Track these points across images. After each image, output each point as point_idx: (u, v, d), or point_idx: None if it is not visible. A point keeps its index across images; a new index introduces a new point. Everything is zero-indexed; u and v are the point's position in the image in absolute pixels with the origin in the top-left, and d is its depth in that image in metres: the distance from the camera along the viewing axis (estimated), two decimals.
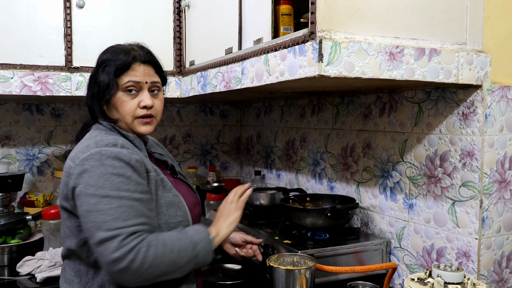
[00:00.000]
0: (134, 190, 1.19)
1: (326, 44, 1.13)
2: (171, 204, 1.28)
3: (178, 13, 2.16)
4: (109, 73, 1.28)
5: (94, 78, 1.32)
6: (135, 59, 1.30)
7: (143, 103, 1.31)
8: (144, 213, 1.19)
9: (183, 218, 1.30)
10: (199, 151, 2.85)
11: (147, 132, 1.34)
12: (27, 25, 1.93)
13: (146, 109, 1.32)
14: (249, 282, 1.67)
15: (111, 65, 1.29)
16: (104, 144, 1.22)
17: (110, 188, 1.16)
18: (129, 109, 1.30)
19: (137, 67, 1.30)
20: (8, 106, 2.43)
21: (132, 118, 1.31)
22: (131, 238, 1.14)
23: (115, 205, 1.15)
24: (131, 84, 1.29)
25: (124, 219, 1.15)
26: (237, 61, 1.55)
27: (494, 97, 1.38)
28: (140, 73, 1.31)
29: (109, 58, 1.31)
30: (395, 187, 1.69)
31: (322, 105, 2.11)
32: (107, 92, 1.29)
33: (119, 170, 1.18)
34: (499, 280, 1.45)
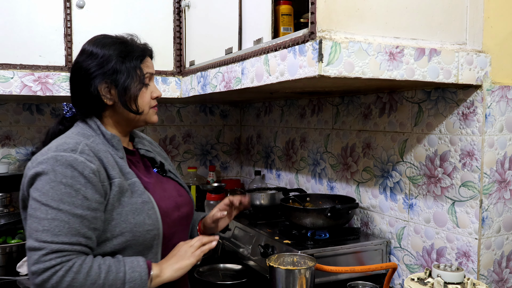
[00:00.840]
0: (77, 205, 1.12)
1: (326, 44, 1.13)
2: (138, 212, 1.21)
3: (178, 13, 2.16)
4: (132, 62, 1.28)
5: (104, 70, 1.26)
6: (147, 52, 1.34)
7: (155, 93, 1.35)
8: (80, 232, 1.12)
9: (151, 227, 1.22)
10: (199, 151, 2.85)
11: (157, 121, 1.39)
12: (27, 25, 1.93)
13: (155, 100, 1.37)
14: (249, 282, 1.67)
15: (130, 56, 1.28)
16: (63, 148, 1.17)
17: (52, 197, 1.11)
18: (147, 100, 1.33)
19: (147, 58, 1.35)
20: (8, 106, 2.43)
21: (149, 108, 1.34)
22: (53, 256, 1.08)
23: (51, 216, 1.10)
24: (148, 75, 1.33)
25: (54, 233, 1.09)
26: (237, 61, 1.55)
27: (494, 97, 1.38)
28: (151, 64, 1.35)
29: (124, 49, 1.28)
30: (395, 187, 1.69)
31: (322, 105, 2.11)
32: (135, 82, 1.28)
33: (68, 180, 1.13)
34: (499, 280, 1.45)
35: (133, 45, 1.32)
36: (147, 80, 1.32)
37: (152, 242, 1.24)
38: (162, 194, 1.33)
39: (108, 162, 1.22)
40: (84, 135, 1.26)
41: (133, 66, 1.28)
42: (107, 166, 1.21)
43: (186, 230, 1.43)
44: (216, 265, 1.82)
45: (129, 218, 1.19)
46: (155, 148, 1.54)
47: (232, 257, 1.89)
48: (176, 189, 1.43)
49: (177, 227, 1.34)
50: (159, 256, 1.27)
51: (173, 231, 1.32)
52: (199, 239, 1.31)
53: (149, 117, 1.35)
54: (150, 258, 1.24)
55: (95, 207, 1.15)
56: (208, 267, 1.80)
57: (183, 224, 1.39)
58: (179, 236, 1.36)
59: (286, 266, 1.37)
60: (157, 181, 1.37)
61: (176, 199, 1.38)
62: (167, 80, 2.14)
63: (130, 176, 1.26)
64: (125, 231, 1.19)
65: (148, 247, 1.23)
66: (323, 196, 1.93)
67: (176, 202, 1.36)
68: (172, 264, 1.23)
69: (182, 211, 1.38)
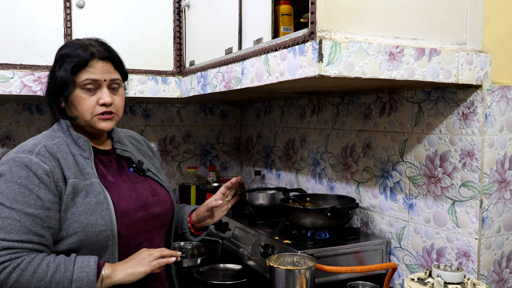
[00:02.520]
0: (30, 204, 1.17)
1: (326, 44, 1.13)
2: (91, 212, 1.23)
3: (178, 13, 2.16)
4: (66, 70, 1.27)
5: (52, 74, 1.32)
6: (93, 56, 1.29)
7: (102, 100, 1.30)
8: (32, 231, 1.17)
9: (104, 227, 1.23)
10: (199, 151, 2.85)
11: (107, 128, 1.33)
12: (27, 25, 1.93)
13: (106, 107, 1.31)
14: (249, 282, 1.67)
15: (68, 61, 1.28)
16: (22, 150, 1.23)
17: (7, 196, 1.17)
18: (88, 107, 1.29)
19: (95, 63, 1.29)
20: (8, 106, 2.43)
21: (91, 115, 1.30)
22: (3, 252, 1.13)
23: (4, 215, 1.16)
24: (89, 82, 1.28)
25: (6, 231, 1.15)
26: (237, 61, 1.55)
27: (494, 97, 1.38)
28: (98, 70, 1.29)
29: (66, 53, 1.29)
30: (395, 187, 1.69)
31: (322, 105, 2.11)
32: (64, 89, 1.28)
33: (23, 181, 1.19)
34: (499, 280, 1.45)
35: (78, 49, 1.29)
36: (88, 86, 1.28)
37: (106, 242, 1.24)
38: (125, 194, 1.33)
39: (65, 163, 1.25)
40: (51, 136, 1.31)
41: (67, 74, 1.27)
42: (64, 167, 1.24)
43: (160, 230, 1.42)
44: (216, 265, 1.82)
45: (82, 218, 1.22)
46: (140, 147, 1.54)
47: (232, 257, 1.89)
48: (152, 188, 1.42)
49: (141, 227, 1.34)
50: (116, 255, 1.27)
51: (136, 231, 1.33)
52: (160, 250, 1.29)
53: (93, 123, 1.31)
54: (106, 258, 1.25)
55: (48, 207, 1.19)
56: (208, 267, 1.80)
57: (153, 224, 1.38)
58: (147, 235, 1.36)
59: (286, 266, 1.37)
60: (126, 181, 1.38)
61: (146, 199, 1.38)
62: (167, 80, 2.14)
63: (89, 176, 1.28)
64: (77, 231, 1.21)
65: (103, 247, 1.24)
66: (323, 196, 1.93)
67: (144, 202, 1.36)
68: (126, 267, 1.24)
69: (151, 211, 1.37)
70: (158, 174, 1.50)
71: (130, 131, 1.60)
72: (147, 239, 1.37)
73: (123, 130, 1.58)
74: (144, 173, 1.44)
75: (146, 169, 1.45)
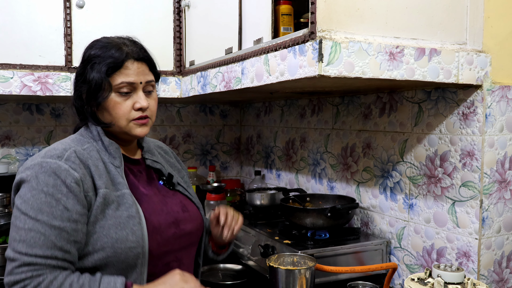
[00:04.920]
0: (56, 216, 1.07)
1: (326, 44, 1.13)
2: (122, 226, 1.12)
3: (178, 13, 2.16)
4: (100, 72, 1.16)
5: (82, 77, 1.21)
6: (128, 56, 1.19)
7: (138, 104, 1.20)
8: (57, 246, 1.06)
9: (135, 244, 1.13)
10: (199, 151, 2.85)
11: (143, 134, 1.23)
12: (27, 25, 1.93)
13: (142, 111, 1.21)
14: (249, 282, 1.67)
15: (101, 62, 1.17)
16: (50, 155, 1.12)
17: (32, 206, 1.07)
18: (123, 112, 1.19)
19: (130, 65, 1.19)
20: (8, 106, 2.43)
21: (127, 121, 1.20)
22: (25, 269, 1.04)
23: (28, 226, 1.06)
24: (125, 85, 1.18)
25: (29, 245, 1.05)
26: (237, 61, 1.55)
27: (494, 97, 1.38)
28: (134, 72, 1.19)
29: (98, 54, 1.19)
30: (395, 187, 1.69)
31: (322, 105, 2.11)
32: (100, 94, 1.17)
33: (50, 189, 1.08)
34: (499, 280, 1.45)
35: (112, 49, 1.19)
36: (124, 89, 1.19)
37: (135, 261, 1.14)
38: (158, 208, 1.24)
39: (96, 171, 1.16)
40: (80, 141, 1.22)
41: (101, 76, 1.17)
42: (94, 175, 1.15)
43: (189, 249, 1.32)
44: (216, 265, 1.82)
45: (111, 232, 1.12)
46: (169, 158, 1.45)
47: (232, 257, 1.89)
48: (182, 204, 1.32)
49: (172, 245, 1.23)
50: (145, 275, 1.17)
51: (166, 249, 1.22)
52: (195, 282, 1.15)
53: (129, 130, 1.21)
54: (134, 278, 1.15)
55: (76, 219, 1.09)
56: (208, 267, 1.80)
57: (183, 243, 1.28)
58: (176, 255, 1.26)
59: (286, 266, 1.37)
60: (157, 194, 1.28)
61: (177, 214, 1.27)
62: (167, 80, 2.14)
63: (120, 187, 1.18)
64: (106, 246, 1.11)
65: (132, 265, 1.14)
66: (323, 196, 1.93)
67: (175, 218, 1.26)
68: None
69: (182, 228, 1.26)
70: (188, 189, 1.39)
71: (158, 141, 1.50)
72: (176, 258, 1.26)
73: (151, 139, 1.47)
74: (174, 186, 1.33)
75: (176, 183, 1.35)
